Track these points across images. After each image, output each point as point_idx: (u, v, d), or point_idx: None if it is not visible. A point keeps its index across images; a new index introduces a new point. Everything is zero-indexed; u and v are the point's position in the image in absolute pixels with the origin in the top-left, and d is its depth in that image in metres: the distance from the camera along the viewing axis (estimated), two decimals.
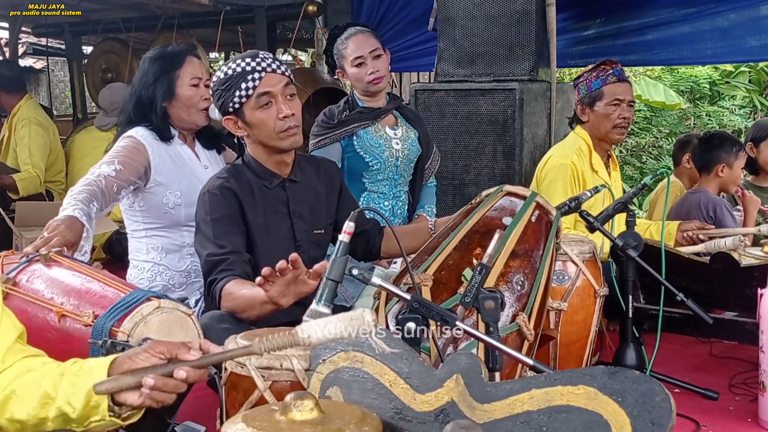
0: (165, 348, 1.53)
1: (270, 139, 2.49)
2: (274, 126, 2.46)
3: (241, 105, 2.45)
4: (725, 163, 4.29)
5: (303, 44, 7.78)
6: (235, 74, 2.44)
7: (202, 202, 2.48)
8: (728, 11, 4.75)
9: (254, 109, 2.45)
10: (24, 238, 4.12)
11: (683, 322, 3.24)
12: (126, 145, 2.86)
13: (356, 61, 3.32)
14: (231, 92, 2.44)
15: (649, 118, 9.58)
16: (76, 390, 1.53)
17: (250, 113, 2.46)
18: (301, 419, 1.42)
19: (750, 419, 2.63)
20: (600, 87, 3.53)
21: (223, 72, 2.49)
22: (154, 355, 1.52)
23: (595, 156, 3.56)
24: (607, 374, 1.44)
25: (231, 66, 2.48)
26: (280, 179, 2.57)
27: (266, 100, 2.45)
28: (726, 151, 4.30)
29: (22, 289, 2.11)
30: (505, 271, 2.13)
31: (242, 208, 2.47)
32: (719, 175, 4.30)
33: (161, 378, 1.49)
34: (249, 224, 2.49)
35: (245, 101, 2.45)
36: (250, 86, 2.43)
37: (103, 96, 5.68)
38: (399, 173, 3.41)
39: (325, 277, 1.85)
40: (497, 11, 4.26)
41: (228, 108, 2.47)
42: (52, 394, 1.56)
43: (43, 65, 11.38)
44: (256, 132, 2.49)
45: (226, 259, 2.35)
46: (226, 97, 2.46)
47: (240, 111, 2.47)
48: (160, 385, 1.49)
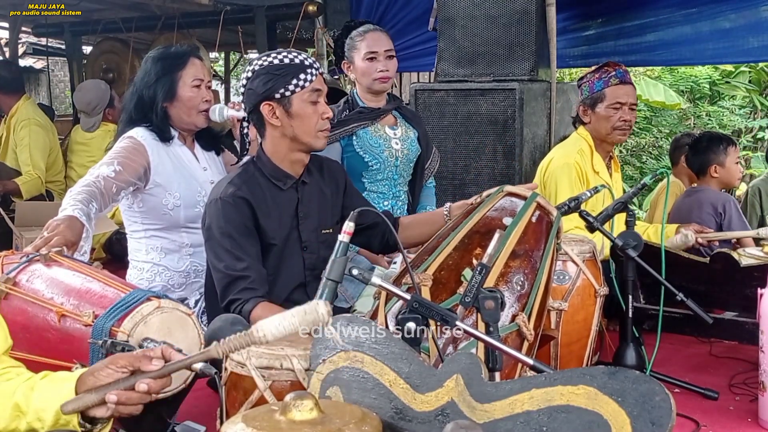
0: (126, 361, 1.57)
1: (307, 134, 2.50)
2: (316, 122, 2.49)
3: (292, 93, 2.46)
4: (716, 163, 4.31)
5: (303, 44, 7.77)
6: (293, 63, 2.46)
7: (215, 210, 2.45)
8: (729, 12, 4.75)
9: (305, 101, 2.47)
10: (24, 238, 4.12)
11: (683, 322, 3.25)
12: (126, 146, 2.86)
13: (370, 55, 3.33)
14: (286, 79, 2.45)
15: (649, 118, 9.59)
16: (45, 406, 1.58)
17: (300, 104, 2.47)
18: (301, 419, 1.42)
19: (750, 419, 2.63)
20: (602, 89, 3.52)
21: (275, 59, 2.48)
22: (116, 370, 1.56)
23: (596, 157, 3.56)
24: (607, 374, 1.44)
25: (285, 55, 2.48)
26: (293, 180, 2.56)
27: (317, 97, 2.49)
28: (714, 151, 4.33)
29: (22, 289, 2.11)
30: (506, 271, 2.13)
31: (255, 217, 2.46)
32: (714, 176, 4.32)
33: (124, 393, 1.53)
34: (262, 231, 2.48)
35: (299, 91, 2.46)
36: (309, 79, 2.46)
37: (78, 99, 5.65)
38: (398, 173, 3.41)
39: (325, 277, 1.85)
40: (497, 11, 4.26)
41: (275, 93, 2.46)
42: (24, 408, 1.60)
43: (43, 65, 11.38)
44: (296, 124, 2.49)
45: (246, 276, 2.36)
46: (278, 81, 2.45)
47: (288, 99, 2.46)
48: (123, 399, 1.53)
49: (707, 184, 4.35)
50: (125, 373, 1.56)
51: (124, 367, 1.56)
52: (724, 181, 4.37)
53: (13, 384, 1.66)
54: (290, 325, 1.46)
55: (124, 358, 1.58)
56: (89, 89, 5.59)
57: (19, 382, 1.66)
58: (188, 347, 2.00)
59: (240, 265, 2.37)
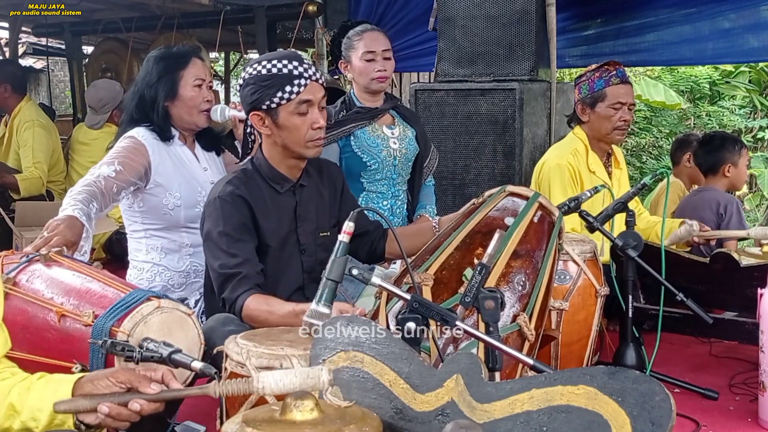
0: (126, 378, 1.60)
1: (297, 145, 2.47)
2: (306, 133, 2.44)
3: (278, 105, 2.42)
4: (730, 163, 4.30)
5: (303, 44, 7.77)
6: (280, 74, 2.39)
7: (213, 209, 2.44)
8: (729, 11, 4.75)
9: (292, 113, 2.42)
10: (24, 238, 4.12)
11: (683, 322, 3.25)
12: (126, 145, 2.86)
13: (367, 55, 3.32)
14: (272, 91, 2.39)
15: (649, 118, 9.59)
16: (42, 406, 1.60)
17: (286, 116, 2.43)
18: (301, 419, 1.43)
19: (750, 419, 2.63)
20: (603, 88, 3.52)
21: (264, 68, 2.42)
22: (115, 383, 1.59)
23: (592, 156, 3.55)
24: (607, 374, 1.44)
25: (274, 64, 2.41)
26: (291, 184, 2.55)
27: (306, 108, 2.43)
28: (729, 150, 4.31)
29: (22, 289, 2.11)
30: (507, 272, 2.13)
31: (254, 216, 2.45)
32: (726, 175, 4.31)
33: (116, 407, 1.56)
34: (260, 231, 2.47)
35: (284, 104, 2.41)
36: (295, 90, 2.39)
37: (90, 94, 5.67)
38: (397, 172, 3.41)
39: (325, 278, 1.85)
40: (497, 11, 4.26)
41: (261, 105, 2.43)
42: (18, 407, 1.62)
43: (43, 65, 11.37)
44: (284, 134, 2.46)
45: (238, 273, 2.34)
46: (264, 93, 2.40)
47: (274, 111, 2.43)
48: (114, 414, 1.56)
49: (715, 183, 4.33)
50: (123, 388, 1.59)
51: (123, 383, 1.60)
52: (734, 182, 4.36)
53: (8, 383, 1.67)
54: (290, 383, 1.51)
55: (125, 374, 1.61)
56: (103, 87, 5.59)
57: (15, 382, 1.67)
58: (188, 347, 2.00)
59: (233, 262, 2.36)
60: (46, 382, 1.65)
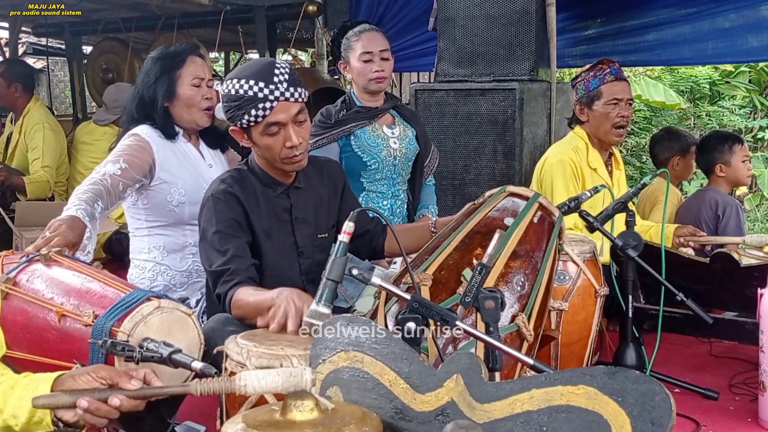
0: (107, 374, 1.60)
1: (274, 161, 2.46)
2: (279, 152, 2.42)
3: (248, 125, 2.41)
4: (721, 162, 4.31)
5: (303, 44, 7.77)
6: (246, 96, 2.35)
7: (207, 209, 2.45)
8: (729, 11, 4.75)
9: (262, 134, 2.41)
10: (24, 238, 4.12)
11: (683, 322, 3.25)
12: (131, 143, 2.86)
13: (365, 56, 3.32)
14: (240, 112, 2.37)
15: (649, 118, 9.59)
16: (21, 404, 1.60)
17: (257, 136, 2.42)
18: (301, 419, 1.43)
19: (750, 419, 2.63)
20: (598, 86, 3.53)
21: (233, 88, 2.37)
22: (96, 379, 1.60)
23: (593, 153, 3.56)
24: (607, 374, 1.44)
25: (242, 84, 2.35)
26: (285, 187, 2.55)
27: (275, 129, 2.40)
28: (719, 150, 4.33)
29: (22, 289, 2.11)
30: (506, 272, 2.13)
31: (247, 215, 2.45)
32: (720, 175, 4.31)
33: (95, 402, 1.56)
34: (254, 230, 2.47)
35: (253, 125, 2.40)
36: (260, 114, 2.36)
37: (108, 92, 5.69)
38: (397, 172, 3.41)
39: (325, 278, 1.85)
40: (497, 11, 4.26)
41: (235, 123, 2.43)
42: (0, 406, 1.63)
43: (43, 65, 11.37)
44: (261, 151, 2.47)
45: (227, 269, 2.33)
46: (234, 113, 2.40)
47: (247, 129, 2.43)
48: (93, 409, 1.56)
49: (716, 184, 4.35)
50: (103, 384, 1.59)
51: (104, 378, 1.60)
52: (732, 180, 4.36)
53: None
54: (273, 382, 1.53)
55: (106, 370, 1.62)
56: (124, 90, 5.52)
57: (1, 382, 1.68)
58: (188, 347, 2.00)
59: (224, 259, 2.35)
60: (29, 380, 1.66)
